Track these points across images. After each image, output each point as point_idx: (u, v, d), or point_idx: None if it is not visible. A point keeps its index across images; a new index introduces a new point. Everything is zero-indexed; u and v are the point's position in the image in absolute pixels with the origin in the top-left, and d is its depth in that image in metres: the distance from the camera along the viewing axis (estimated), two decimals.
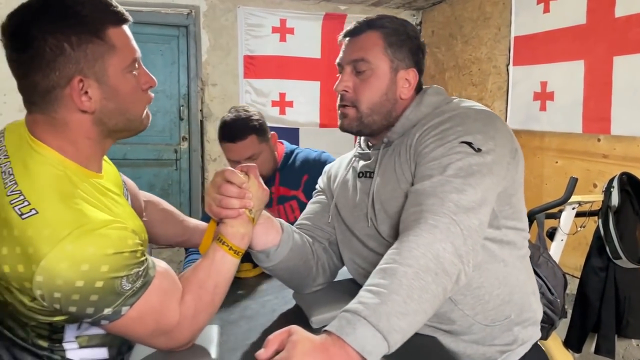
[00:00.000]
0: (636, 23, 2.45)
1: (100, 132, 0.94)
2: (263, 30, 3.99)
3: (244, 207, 0.99)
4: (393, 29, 1.17)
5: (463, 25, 3.78)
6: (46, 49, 0.85)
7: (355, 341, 0.75)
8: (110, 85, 0.91)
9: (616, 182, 2.38)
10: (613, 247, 2.31)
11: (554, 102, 2.96)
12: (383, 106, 1.16)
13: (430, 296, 0.83)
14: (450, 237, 0.89)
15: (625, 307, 2.35)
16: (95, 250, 0.80)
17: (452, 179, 0.97)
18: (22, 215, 0.81)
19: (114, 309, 0.84)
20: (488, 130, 1.04)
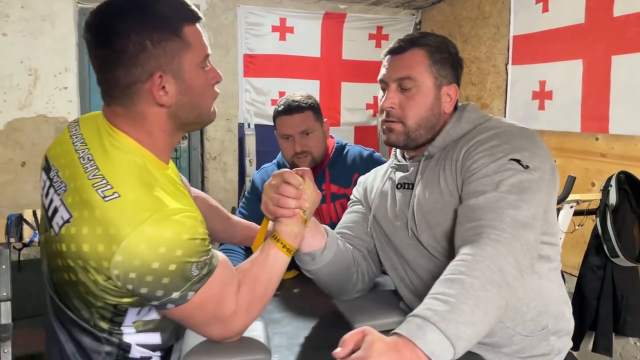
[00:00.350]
0: (634, 22, 2.46)
1: (174, 125, 1.00)
2: (263, 29, 3.99)
3: (299, 207, 1.06)
4: (436, 46, 1.22)
5: (462, 24, 3.78)
6: (129, 46, 0.90)
7: (425, 345, 0.78)
8: (185, 80, 0.96)
9: (614, 180, 2.39)
10: (611, 245, 2.33)
11: (552, 101, 2.97)
12: (429, 121, 1.21)
13: (495, 308, 0.87)
14: (512, 251, 0.93)
15: (623, 305, 2.37)
16: (172, 234, 0.86)
17: (506, 195, 1.01)
18: (105, 198, 0.86)
19: (181, 294, 0.89)
20: (532, 148, 1.10)
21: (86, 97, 3.70)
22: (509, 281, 0.90)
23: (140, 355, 1.00)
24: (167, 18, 0.94)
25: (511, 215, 0.98)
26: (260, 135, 3.93)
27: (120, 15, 0.92)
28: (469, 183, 1.09)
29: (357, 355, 0.76)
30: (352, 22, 4.16)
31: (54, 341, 1.01)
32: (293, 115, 1.85)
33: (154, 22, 0.92)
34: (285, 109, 1.87)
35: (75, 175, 0.92)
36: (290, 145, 1.88)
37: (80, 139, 0.98)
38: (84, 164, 0.92)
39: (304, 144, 1.85)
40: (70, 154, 0.96)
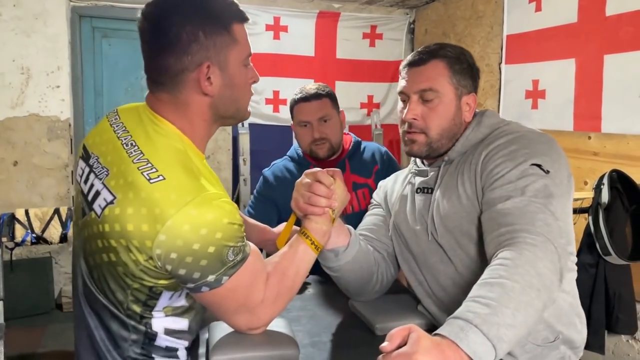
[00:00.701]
0: (626, 22, 2.48)
1: (213, 116, 1.05)
2: (257, 27, 3.98)
3: (329, 206, 1.10)
4: (456, 57, 1.24)
5: (456, 23, 3.80)
6: (183, 35, 0.96)
7: (468, 347, 0.79)
8: (229, 74, 1.02)
9: (606, 179, 2.40)
10: (603, 243, 2.34)
11: (545, 100, 2.99)
12: (451, 131, 1.23)
13: (534, 311, 0.88)
14: (549, 255, 0.95)
15: (615, 303, 2.38)
16: (214, 217, 0.90)
17: (533, 199, 1.03)
18: (151, 180, 0.90)
19: (217, 277, 0.93)
20: (552, 154, 1.12)
21: (79, 96, 3.68)
22: (546, 285, 0.91)
23: (165, 345, 1.02)
24: (219, 14, 1.00)
25: (542, 219, 1.00)
26: (254, 134, 3.93)
27: (176, 7, 0.98)
28: (493, 189, 1.10)
29: (404, 350, 0.77)
30: (346, 21, 4.17)
31: (83, 327, 1.04)
32: (311, 102, 1.88)
33: (208, 16, 0.99)
34: (303, 97, 1.90)
35: (118, 160, 0.96)
36: (308, 132, 1.91)
37: (121, 127, 1.03)
38: (128, 149, 0.97)
39: (322, 130, 1.88)
40: (112, 141, 1.01)
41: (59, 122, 3.55)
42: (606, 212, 2.37)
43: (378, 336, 1.21)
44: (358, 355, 1.14)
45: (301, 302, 1.44)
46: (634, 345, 2.52)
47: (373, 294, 1.36)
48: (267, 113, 4.06)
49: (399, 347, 0.79)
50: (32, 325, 3.31)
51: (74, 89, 3.63)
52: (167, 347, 1.02)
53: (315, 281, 1.60)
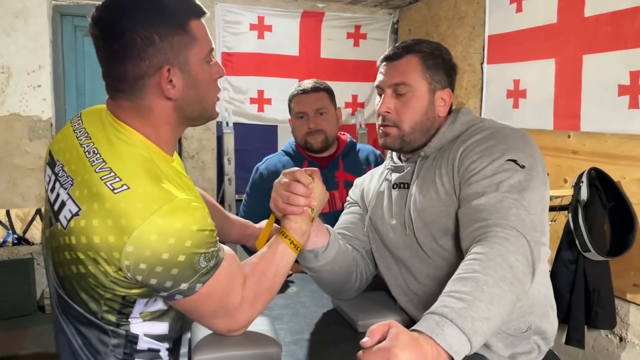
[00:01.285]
0: (605, 22, 2.52)
1: (179, 119, 1.01)
2: (241, 27, 3.98)
3: (308, 205, 1.09)
4: (429, 52, 1.26)
5: (439, 24, 3.83)
6: (137, 40, 0.92)
7: (444, 341, 0.81)
8: (191, 74, 0.98)
9: (585, 177, 2.45)
10: (582, 240, 2.38)
11: (526, 100, 3.03)
12: (423, 124, 1.26)
13: (507, 303, 0.91)
14: (521, 248, 0.97)
15: (595, 298, 2.42)
16: (182, 225, 0.87)
17: (507, 195, 1.06)
18: (115, 190, 0.87)
19: (190, 285, 0.91)
20: (527, 148, 1.15)
21: (60, 96, 3.64)
22: (519, 277, 0.94)
23: (147, 347, 1.01)
24: (174, 12, 0.95)
25: (515, 214, 1.02)
26: (239, 133, 3.93)
27: (128, 9, 0.93)
28: (469, 184, 1.12)
29: (383, 345, 0.79)
30: (330, 21, 4.18)
31: (62, 335, 1.02)
32: (309, 94, 1.97)
33: (162, 17, 0.94)
34: (301, 90, 1.99)
35: (81, 169, 0.93)
36: (304, 123, 1.98)
37: (84, 133, 0.99)
38: (90, 157, 0.93)
39: (318, 122, 1.95)
40: (75, 148, 0.97)
41: (40, 122, 3.51)
42: (585, 209, 2.42)
43: (360, 333, 1.22)
44: (340, 352, 1.15)
45: (284, 300, 1.45)
46: (613, 340, 2.57)
47: (352, 293, 1.37)
48: (252, 112, 4.06)
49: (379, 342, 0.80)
50: (14, 327, 3.27)
51: (56, 88, 3.60)
52: (149, 349, 1.01)
53: (298, 279, 1.60)
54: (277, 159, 2.10)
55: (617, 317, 2.50)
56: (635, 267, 2.41)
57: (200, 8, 1.00)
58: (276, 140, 4.05)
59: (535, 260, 0.99)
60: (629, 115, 2.40)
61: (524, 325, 1.17)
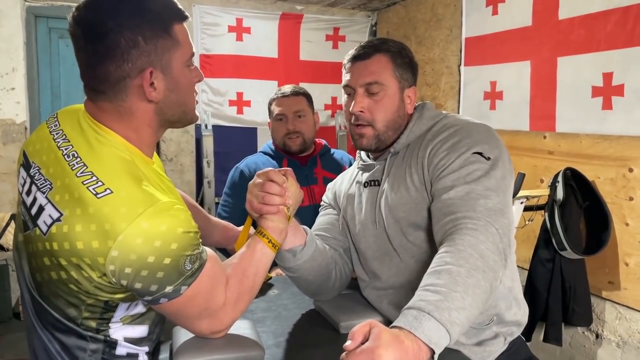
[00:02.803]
0: (578, 25, 2.58)
1: (159, 121, 1.01)
2: (219, 29, 3.96)
3: (283, 204, 1.11)
4: (397, 51, 1.28)
5: (417, 26, 3.86)
6: (121, 41, 0.91)
7: (423, 334, 0.83)
8: (173, 77, 0.98)
9: (561, 177, 2.50)
10: (559, 239, 2.43)
11: (502, 101, 3.07)
12: (396, 122, 1.28)
13: (481, 291, 0.93)
14: (490, 237, 1.00)
15: (571, 296, 2.47)
16: (167, 228, 0.87)
17: (474, 186, 1.09)
18: (97, 195, 0.86)
19: (175, 287, 0.91)
20: (491, 141, 1.18)
21: (35, 98, 3.58)
22: (490, 265, 0.96)
23: (126, 352, 1.00)
24: (158, 15, 0.95)
25: (483, 204, 1.06)
26: (218, 136, 3.90)
27: (112, 10, 0.92)
28: (438, 180, 1.15)
29: (367, 346, 0.80)
30: (309, 23, 4.18)
31: (38, 340, 0.99)
32: (289, 97, 2.07)
33: (147, 19, 0.93)
34: (282, 93, 2.09)
35: (61, 173, 0.91)
36: (283, 125, 2.06)
37: (61, 135, 0.97)
38: (69, 161, 0.91)
39: (296, 124, 2.04)
40: (53, 151, 0.95)
41: (14, 125, 3.44)
42: (561, 209, 2.47)
43: (342, 334, 1.22)
44: (323, 353, 1.15)
45: (266, 303, 1.44)
46: (590, 337, 2.62)
47: (333, 292, 1.37)
48: (231, 115, 4.04)
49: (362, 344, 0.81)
50: None
51: (30, 91, 3.53)
52: (128, 354, 1.00)
53: (279, 282, 1.60)
54: (256, 157, 2.16)
55: (593, 314, 2.55)
56: (610, 264, 2.47)
57: (183, 12, 1.00)
58: (256, 142, 4.04)
59: (505, 248, 1.02)
60: (603, 116, 2.46)
61: (487, 318, 1.20)
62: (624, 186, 2.40)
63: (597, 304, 2.56)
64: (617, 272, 2.44)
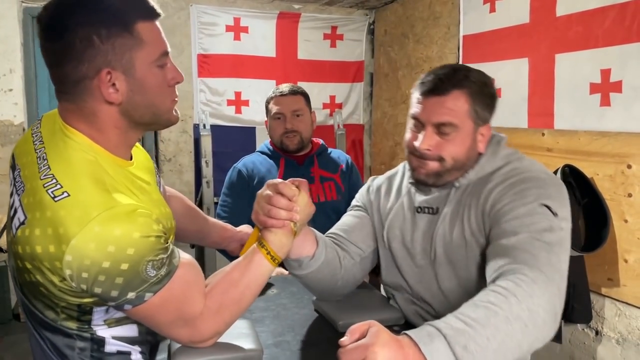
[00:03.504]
0: (576, 22, 2.57)
1: (128, 123, 0.96)
2: (217, 28, 3.95)
3: (289, 219, 1.03)
4: (478, 88, 1.17)
5: (414, 24, 3.86)
6: (76, 41, 0.88)
7: (429, 353, 0.79)
8: (137, 78, 0.93)
9: (559, 174, 2.49)
10: None
11: (501, 99, 3.06)
12: (464, 163, 1.19)
13: (514, 345, 0.85)
14: (547, 294, 0.91)
15: (571, 293, 2.46)
16: (121, 232, 0.83)
17: (538, 238, 1.00)
18: (55, 198, 0.84)
19: (137, 294, 0.87)
20: (560, 197, 1.11)
21: (33, 100, 3.57)
22: (536, 322, 0.88)
23: (117, 349, 0.98)
24: (118, 13, 0.90)
25: (545, 257, 0.97)
26: (217, 136, 3.90)
27: (70, 9, 0.89)
28: (500, 224, 1.08)
29: (363, 342, 0.78)
30: (306, 22, 4.18)
31: (34, 339, 1.00)
32: (286, 97, 2.08)
33: (104, 17, 0.89)
34: (280, 92, 2.09)
35: (32, 175, 0.90)
36: (280, 124, 2.07)
37: (39, 137, 0.97)
38: (40, 163, 0.90)
39: (294, 123, 2.05)
40: (30, 153, 0.95)
41: (12, 127, 3.43)
42: None
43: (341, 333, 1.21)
44: (321, 353, 1.15)
45: (264, 303, 1.44)
46: (590, 334, 2.62)
47: (339, 297, 1.36)
48: (229, 114, 4.03)
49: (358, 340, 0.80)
50: None
51: (28, 92, 3.52)
52: (118, 352, 0.98)
53: (279, 281, 1.60)
54: (254, 157, 2.17)
55: (593, 311, 2.55)
56: (609, 261, 2.46)
57: (151, 10, 0.94)
58: (254, 141, 4.03)
59: (558, 312, 0.93)
60: (601, 113, 2.45)
61: None
62: (622, 183, 2.39)
63: (596, 301, 2.56)
64: (616, 269, 2.44)
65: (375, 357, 0.76)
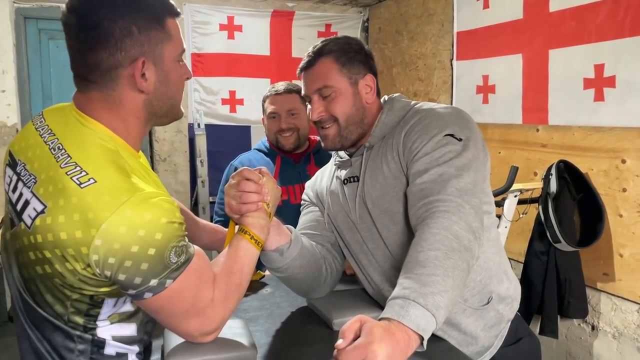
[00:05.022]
0: (569, 17, 2.57)
1: (147, 114, 1.01)
2: (210, 27, 3.94)
3: (261, 200, 1.10)
4: (340, 49, 1.29)
5: (408, 21, 3.85)
6: (116, 29, 0.92)
7: (411, 321, 0.85)
8: (164, 70, 0.99)
9: (554, 169, 2.50)
10: (553, 231, 2.43)
11: (495, 95, 3.07)
12: (356, 116, 1.29)
13: (460, 272, 0.95)
14: (462, 216, 1.02)
15: (566, 288, 2.47)
16: (151, 217, 0.86)
17: (447, 168, 1.11)
18: (81, 185, 0.86)
19: (160, 281, 0.89)
20: (462, 123, 1.20)
21: (26, 100, 3.55)
22: (465, 245, 0.99)
23: (115, 352, 0.99)
24: (153, 7, 0.97)
25: (454, 184, 1.08)
26: (211, 135, 3.89)
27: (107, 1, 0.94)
28: (413, 163, 1.17)
29: (360, 342, 0.80)
30: (300, 20, 4.17)
31: (26, 340, 0.99)
32: (282, 96, 2.07)
33: (141, 10, 0.95)
34: (275, 91, 2.09)
35: (46, 166, 0.91)
36: (276, 123, 2.07)
37: (47, 130, 0.98)
38: (55, 153, 0.92)
39: (290, 122, 2.05)
40: (39, 146, 0.96)
41: (5, 128, 3.41)
42: (555, 201, 2.47)
43: (336, 332, 1.21)
44: (316, 351, 1.15)
45: (258, 302, 1.44)
46: (586, 329, 2.63)
47: (325, 288, 1.37)
48: (224, 113, 4.02)
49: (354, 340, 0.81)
50: None
51: (21, 93, 3.50)
52: (117, 354, 0.99)
53: (273, 280, 1.59)
54: (250, 154, 2.19)
55: (589, 306, 2.55)
56: (604, 256, 2.47)
57: (175, 9, 1.02)
58: (249, 140, 4.02)
59: (478, 227, 1.04)
60: (595, 108, 2.46)
61: (485, 296, 1.23)
62: (617, 178, 2.40)
63: (592, 296, 2.57)
64: (611, 263, 2.45)
65: (376, 356, 0.79)
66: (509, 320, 1.29)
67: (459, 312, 1.20)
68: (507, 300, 1.28)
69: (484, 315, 1.23)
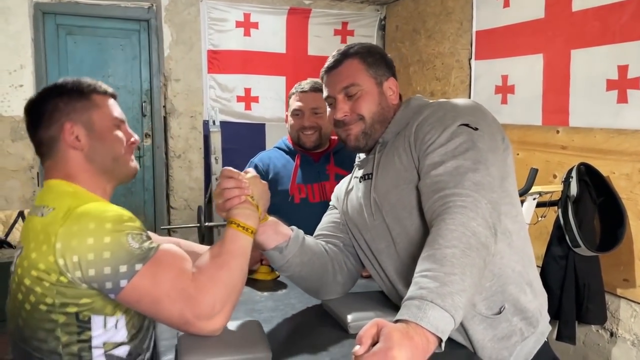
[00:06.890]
0: (592, 17, 2.52)
1: (95, 168, 1.15)
2: (227, 24, 3.93)
3: (243, 194, 1.16)
4: (366, 51, 1.32)
5: (426, 20, 3.81)
6: (47, 109, 1.13)
7: (429, 324, 0.83)
8: (97, 131, 1.15)
9: (574, 172, 2.45)
10: (572, 235, 2.38)
11: (514, 95, 3.02)
12: (380, 114, 1.29)
13: (477, 270, 0.93)
14: (480, 212, 0.99)
15: (585, 294, 2.42)
16: (98, 211, 1.00)
17: (462, 160, 1.07)
18: (43, 215, 1.02)
19: (129, 266, 0.96)
20: (477, 114, 1.18)
21: None
22: (483, 241, 0.96)
23: None
24: (79, 86, 1.16)
25: (471, 178, 1.04)
26: (226, 132, 3.88)
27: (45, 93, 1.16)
28: (426, 155, 1.14)
29: (379, 347, 0.78)
30: (317, 18, 4.15)
31: None
32: (307, 94, 2.06)
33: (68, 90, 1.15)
34: (301, 89, 2.08)
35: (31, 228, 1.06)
36: (299, 120, 2.07)
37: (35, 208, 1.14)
38: (43, 213, 1.06)
39: (313, 120, 2.04)
40: (30, 220, 1.11)
41: (22, 123, 3.43)
42: (575, 205, 2.42)
43: (352, 334, 1.19)
44: (331, 355, 1.13)
45: (273, 302, 1.42)
46: (604, 335, 2.58)
47: (337, 287, 1.35)
48: (239, 111, 4.02)
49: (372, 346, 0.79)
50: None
51: (38, 87, 3.52)
52: None
53: (288, 281, 1.58)
54: (271, 152, 2.19)
55: (608, 312, 2.50)
56: (625, 262, 2.42)
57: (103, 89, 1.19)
58: (264, 138, 4.01)
59: (495, 222, 1.01)
60: (618, 110, 2.40)
61: (497, 305, 1.14)
62: (639, 182, 2.34)
63: (611, 302, 2.51)
64: (632, 269, 2.39)
65: None
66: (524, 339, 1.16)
67: (467, 318, 1.12)
68: (527, 314, 1.16)
69: (495, 325, 1.13)
